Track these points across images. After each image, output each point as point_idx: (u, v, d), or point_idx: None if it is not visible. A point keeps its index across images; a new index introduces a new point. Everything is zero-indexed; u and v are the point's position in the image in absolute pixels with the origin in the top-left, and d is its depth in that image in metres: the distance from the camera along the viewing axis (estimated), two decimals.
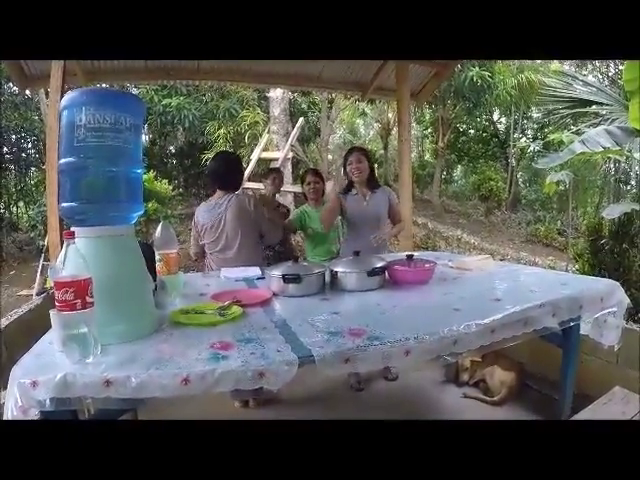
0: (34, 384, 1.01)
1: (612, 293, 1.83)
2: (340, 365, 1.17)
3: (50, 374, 1.03)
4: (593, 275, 2.05)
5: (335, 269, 1.86)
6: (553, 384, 2.20)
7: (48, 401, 1.01)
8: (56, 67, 2.97)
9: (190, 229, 2.95)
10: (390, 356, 1.23)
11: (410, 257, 2.04)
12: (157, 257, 1.74)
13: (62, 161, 1.29)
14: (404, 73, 3.91)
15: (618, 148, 3.80)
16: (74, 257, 1.12)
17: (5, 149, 8.94)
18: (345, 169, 2.94)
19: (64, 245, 1.12)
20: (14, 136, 8.89)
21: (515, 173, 15.04)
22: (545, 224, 12.77)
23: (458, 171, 18.82)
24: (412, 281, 1.94)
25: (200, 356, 1.13)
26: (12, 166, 9.07)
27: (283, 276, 1.75)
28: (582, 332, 1.88)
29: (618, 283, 1.89)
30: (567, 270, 5.40)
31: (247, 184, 8.13)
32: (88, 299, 1.12)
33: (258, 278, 2.11)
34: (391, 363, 1.25)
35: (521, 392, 2.65)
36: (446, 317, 1.45)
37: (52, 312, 1.15)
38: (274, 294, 1.77)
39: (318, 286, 1.82)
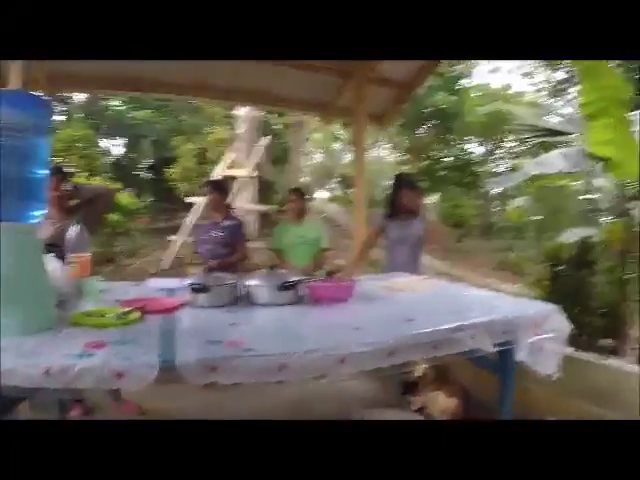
0: None
1: (549, 317, 1.72)
2: (206, 374, 1.15)
3: None
4: (551, 301, 1.90)
5: (246, 282, 1.85)
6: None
7: None
8: (15, 74, 2.79)
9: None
10: (263, 370, 1.20)
11: (330, 274, 2.05)
12: (69, 260, 1.73)
13: None
14: (361, 93, 3.97)
15: (575, 170, 3.78)
16: None
17: None
18: (394, 196, 3.09)
19: None
20: None
21: (488, 201, 15.24)
22: (514, 252, 12.90)
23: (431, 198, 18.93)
24: (328, 298, 1.91)
25: (69, 352, 1.15)
26: None
27: (190, 285, 1.75)
28: (518, 358, 1.68)
29: (557, 307, 1.78)
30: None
31: None
32: None
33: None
34: (265, 378, 1.21)
35: None
36: (343, 335, 1.41)
37: None
38: (185, 304, 1.76)
39: (229, 298, 1.80)
